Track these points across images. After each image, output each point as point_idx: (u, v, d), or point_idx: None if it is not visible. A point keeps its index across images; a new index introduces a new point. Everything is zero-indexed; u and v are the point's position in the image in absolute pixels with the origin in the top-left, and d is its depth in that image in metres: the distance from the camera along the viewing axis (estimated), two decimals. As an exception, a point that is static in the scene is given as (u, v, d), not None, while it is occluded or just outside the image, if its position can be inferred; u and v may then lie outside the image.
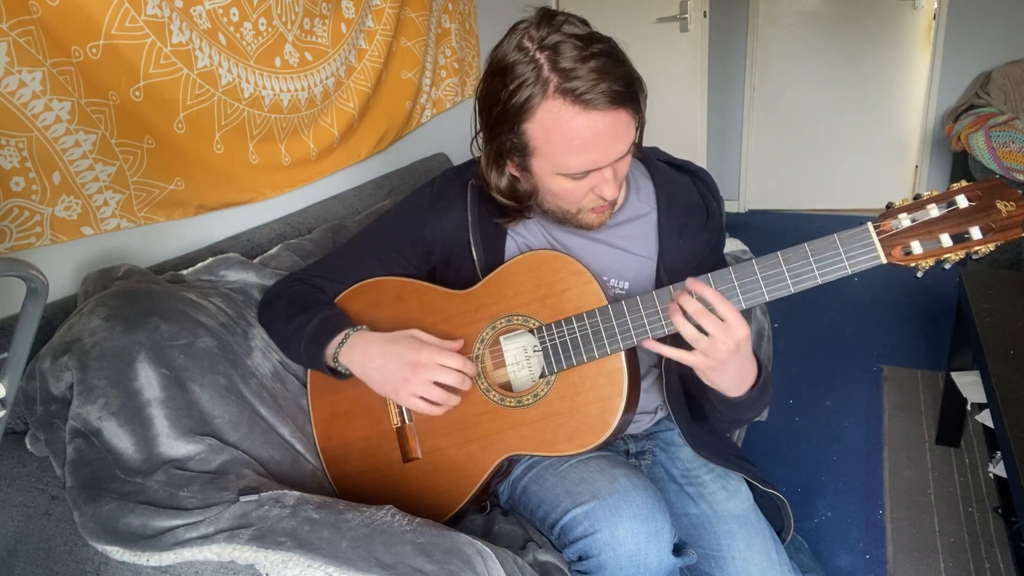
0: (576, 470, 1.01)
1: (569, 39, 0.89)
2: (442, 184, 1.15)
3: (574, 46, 0.88)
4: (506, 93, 0.91)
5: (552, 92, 0.89)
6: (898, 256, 0.85)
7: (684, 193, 1.12)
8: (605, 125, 0.90)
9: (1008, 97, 3.03)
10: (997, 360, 1.47)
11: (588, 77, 0.87)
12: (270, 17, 1.47)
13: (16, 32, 1.01)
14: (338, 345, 1.06)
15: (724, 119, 3.84)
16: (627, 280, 1.09)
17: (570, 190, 0.97)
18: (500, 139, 0.96)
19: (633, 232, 1.09)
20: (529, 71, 0.89)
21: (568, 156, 0.92)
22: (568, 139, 0.90)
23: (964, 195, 0.83)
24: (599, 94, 0.87)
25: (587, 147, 0.91)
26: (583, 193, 0.97)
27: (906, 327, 2.65)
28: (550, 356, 1.00)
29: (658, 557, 0.91)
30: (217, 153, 1.38)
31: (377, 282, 1.16)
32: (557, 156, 0.93)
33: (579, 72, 0.87)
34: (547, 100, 0.89)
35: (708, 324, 0.87)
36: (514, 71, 0.90)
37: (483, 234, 1.10)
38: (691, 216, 1.10)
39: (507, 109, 0.92)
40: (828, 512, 1.78)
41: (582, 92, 0.87)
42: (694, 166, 1.17)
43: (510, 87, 0.91)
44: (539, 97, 0.89)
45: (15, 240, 1.08)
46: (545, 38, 0.89)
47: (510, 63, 0.91)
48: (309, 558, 0.83)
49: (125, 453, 0.94)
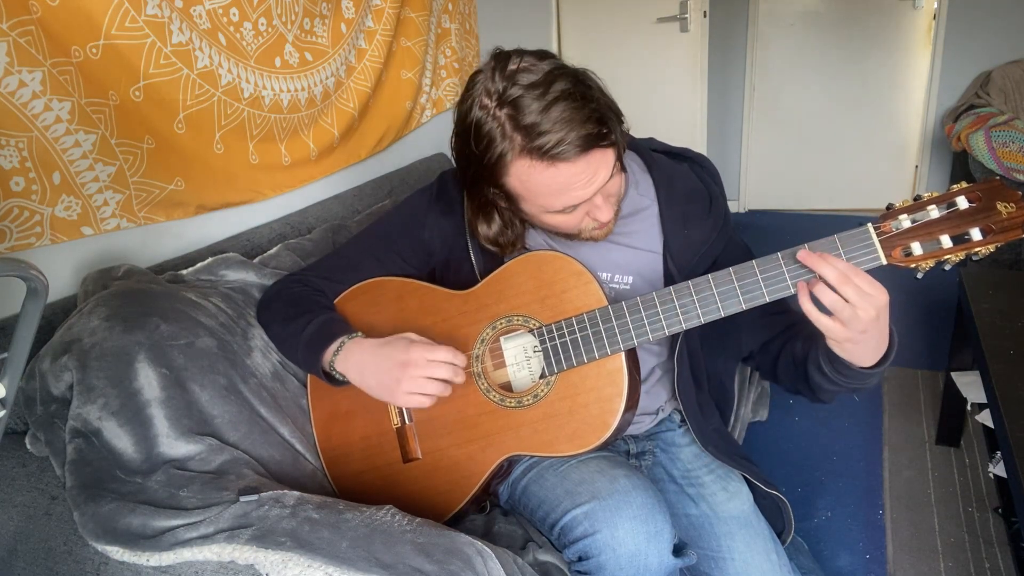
0: (576, 470, 1.01)
1: (527, 91, 0.86)
2: (441, 186, 1.15)
3: (533, 97, 0.86)
4: (478, 151, 0.92)
5: (519, 152, 0.89)
6: (898, 257, 0.85)
7: (683, 181, 1.11)
8: (578, 170, 0.90)
9: (1008, 97, 3.03)
10: (997, 360, 1.47)
11: (554, 130, 0.86)
12: (270, 17, 1.46)
13: (16, 32, 1.01)
14: (334, 353, 1.06)
15: (724, 119, 3.84)
16: (631, 275, 1.08)
17: (564, 221, 0.99)
18: (482, 192, 0.98)
19: (635, 227, 1.09)
20: (495, 129, 0.89)
21: (550, 200, 0.94)
22: (545, 187, 0.92)
23: (964, 196, 0.83)
24: (568, 145, 0.86)
25: (565, 191, 0.92)
26: (578, 220, 0.99)
27: (906, 327, 2.64)
28: (550, 356, 1.00)
29: (658, 558, 0.91)
30: (217, 153, 1.38)
31: (377, 282, 1.16)
32: (540, 201, 0.95)
33: (544, 126, 0.86)
34: (516, 159, 0.90)
35: (850, 292, 0.82)
36: (480, 131, 0.90)
37: None
38: (693, 204, 1.10)
39: (483, 167, 0.93)
40: (828, 512, 1.78)
41: (549, 148, 0.86)
42: (692, 152, 1.17)
43: (480, 146, 0.91)
44: (509, 155, 0.90)
45: (15, 240, 1.08)
46: (503, 92, 0.88)
47: (475, 121, 0.91)
48: (309, 558, 0.83)
49: (125, 453, 0.94)
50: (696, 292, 0.93)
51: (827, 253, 0.85)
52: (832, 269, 0.83)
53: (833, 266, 0.83)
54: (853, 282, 0.82)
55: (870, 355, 0.90)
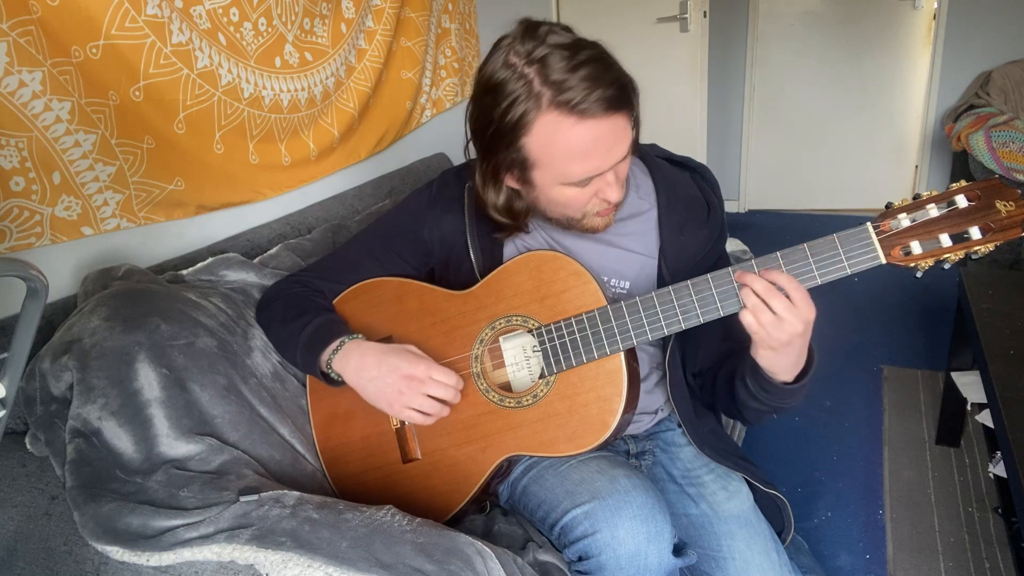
0: (576, 470, 1.01)
1: (556, 50, 0.88)
2: (440, 186, 1.15)
3: (562, 56, 0.88)
4: (499, 112, 0.91)
5: (547, 106, 0.89)
6: (897, 256, 0.85)
7: (684, 189, 1.12)
8: (603, 131, 0.90)
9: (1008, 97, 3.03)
10: (997, 360, 1.47)
11: (581, 86, 0.87)
12: (270, 17, 1.46)
13: (16, 32, 1.01)
14: (332, 352, 1.06)
15: (724, 119, 3.84)
16: (628, 279, 1.09)
17: (574, 197, 0.97)
18: (497, 157, 0.96)
19: (633, 230, 1.09)
20: (520, 87, 0.89)
21: (569, 165, 0.92)
22: (567, 149, 0.91)
23: (963, 195, 0.83)
24: (594, 102, 0.87)
25: (587, 155, 0.91)
26: (587, 199, 0.97)
27: (906, 327, 2.65)
28: (549, 357, 1.00)
29: (658, 557, 0.91)
30: (217, 153, 1.38)
31: (376, 283, 1.16)
32: (558, 166, 0.93)
33: (571, 82, 0.87)
34: (542, 114, 0.89)
35: (777, 303, 0.86)
36: (505, 89, 0.90)
37: (481, 236, 1.10)
38: (692, 212, 1.10)
39: (502, 127, 0.92)
40: (828, 512, 1.78)
41: (577, 102, 0.87)
42: (694, 162, 1.17)
43: (503, 105, 0.91)
44: (534, 112, 0.89)
45: (15, 240, 1.08)
46: (532, 52, 0.89)
47: (500, 81, 0.91)
48: (309, 558, 0.83)
49: (125, 453, 0.94)
50: (695, 292, 0.93)
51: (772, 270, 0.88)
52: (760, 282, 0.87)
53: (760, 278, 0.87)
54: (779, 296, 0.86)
55: (789, 369, 0.93)
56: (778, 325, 0.86)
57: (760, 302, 0.87)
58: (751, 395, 1.00)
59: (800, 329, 0.87)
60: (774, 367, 0.93)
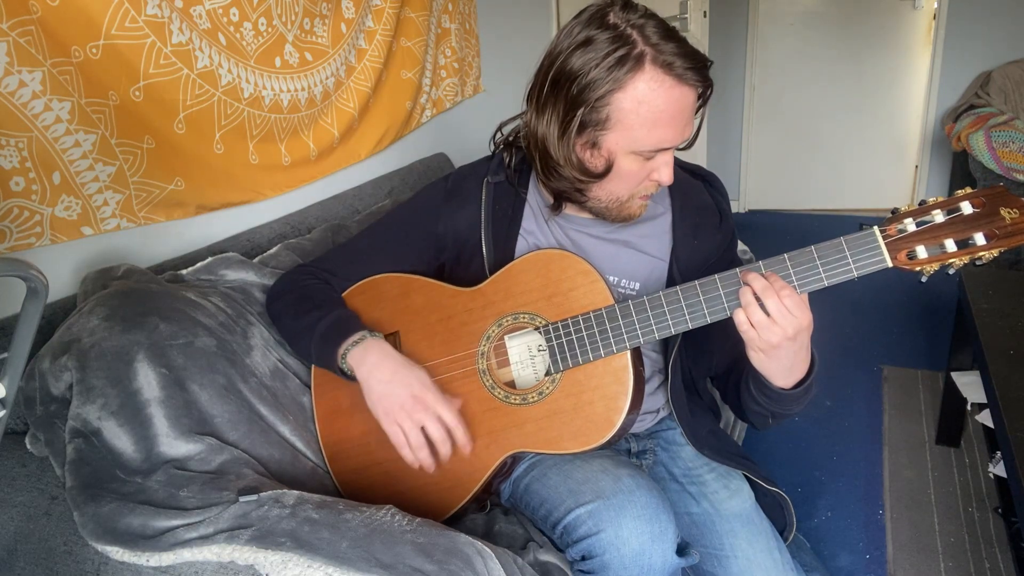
0: (580, 469, 1.00)
1: (650, 20, 0.92)
2: (456, 180, 1.15)
3: (657, 25, 0.92)
4: (595, 64, 0.92)
5: (649, 63, 0.91)
6: (903, 260, 0.86)
7: (697, 196, 1.14)
8: (689, 103, 0.93)
9: (1008, 97, 3.03)
10: (997, 360, 1.47)
11: (679, 53, 0.90)
12: (270, 17, 1.46)
13: (16, 32, 1.01)
14: (352, 344, 1.05)
15: (724, 119, 3.84)
16: (638, 281, 1.09)
17: (635, 172, 0.98)
18: (574, 114, 0.95)
19: (648, 232, 1.10)
20: (622, 44, 0.91)
21: (650, 130, 0.93)
22: (657, 111, 0.92)
23: (968, 201, 0.84)
24: (689, 70, 0.91)
25: (672, 121, 0.93)
26: (643, 177, 0.99)
27: (906, 327, 2.65)
28: (556, 354, 1.00)
29: (662, 557, 0.91)
30: (217, 153, 1.38)
31: (383, 278, 1.15)
32: (638, 129, 0.94)
33: (672, 49, 0.90)
34: (643, 71, 0.91)
35: (771, 305, 0.86)
36: (606, 44, 0.92)
37: (495, 233, 1.10)
38: (704, 218, 1.11)
39: (594, 81, 0.92)
40: (828, 512, 1.78)
41: (677, 66, 0.90)
42: (704, 171, 1.19)
43: (603, 58, 0.92)
44: (635, 69, 0.91)
45: (15, 240, 1.08)
46: (631, 18, 0.92)
47: (596, 38, 0.92)
48: (309, 558, 0.83)
49: (125, 453, 0.94)
50: (703, 293, 0.93)
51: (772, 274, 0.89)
52: (760, 281, 0.87)
53: (762, 277, 0.88)
54: (777, 297, 0.86)
55: (782, 374, 0.94)
56: (769, 327, 0.87)
57: (754, 301, 0.87)
58: (752, 399, 1.00)
59: (790, 334, 0.86)
60: (766, 370, 0.93)
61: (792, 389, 0.95)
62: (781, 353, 0.90)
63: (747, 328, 0.88)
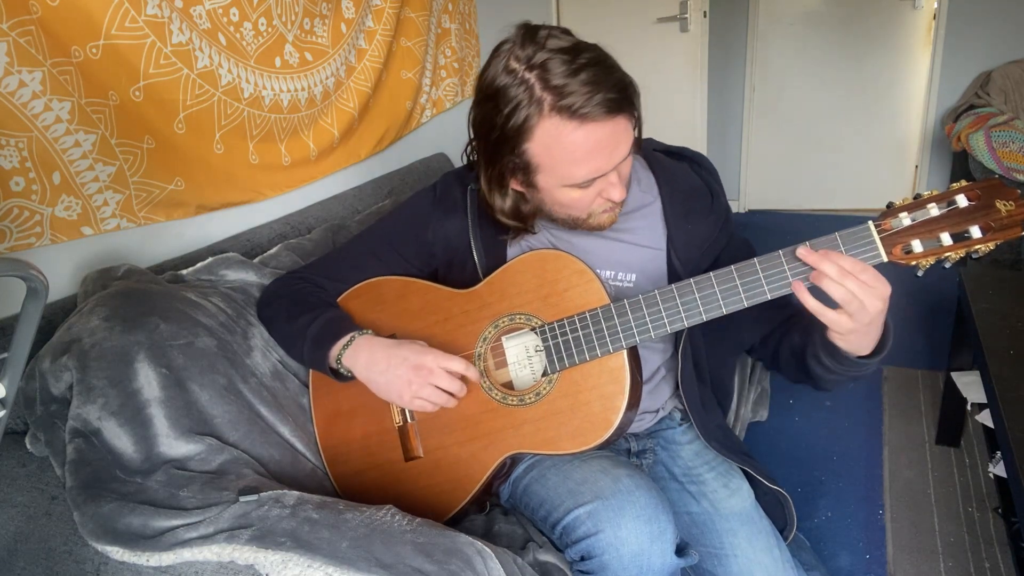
0: (579, 470, 1.01)
1: (556, 55, 0.88)
2: (443, 188, 1.15)
3: (562, 61, 0.88)
4: (501, 118, 0.92)
5: (548, 111, 0.89)
6: (899, 255, 0.86)
7: (685, 179, 1.13)
8: (604, 134, 0.90)
9: (1008, 97, 3.03)
10: (997, 360, 1.47)
11: (581, 91, 0.87)
12: (270, 17, 1.46)
13: (16, 32, 1.01)
14: (343, 347, 1.07)
15: (724, 119, 3.83)
16: (634, 272, 1.09)
17: (578, 198, 0.98)
18: (501, 162, 0.97)
19: (638, 223, 1.10)
20: (521, 93, 0.89)
21: (572, 168, 0.93)
22: (570, 153, 0.91)
23: (964, 195, 0.84)
24: (595, 106, 0.87)
25: (589, 157, 0.92)
26: (591, 199, 0.98)
27: (906, 327, 2.65)
28: (552, 355, 1.00)
29: (661, 558, 0.91)
30: (217, 153, 1.38)
31: (379, 281, 1.16)
32: (561, 169, 0.94)
33: (572, 87, 0.87)
34: (544, 119, 0.90)
35: (854, 286, 0.84)
36: (507, 94, 0.91)
37: (484, 238, 1.10)
38: (695, 200, 1.11)
39: (505, 133, 0.93)
40: (828, 512, 1.78)
41: (578, 107, 0.87)
42: (690, 151, 1.18)
43: (504, 111, 0.91)
44: (536, 117, 0.90)
45: (15, 240, 1.08)
46: (532, 57, 0.89)
47: (501, 87, 0.91)
48: (309, 558, 0.83)
49: (125, 453, 0.94)
50: (698, 290, 0.93)
51: (829, 250, 0.86)
52: (832, 265, 0.84)
53: (833, 262, 0.84)
54: (856, 277, 0.84)
55: (869, 344, 0.92)
56: (861, 310, 0.85)
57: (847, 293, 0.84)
58: (828, 370, 0.98)
59: (880, 307, 0.85)
60: (853, 347, 0.92)
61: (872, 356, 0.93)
62: (873, 327, 0.89)
63: (835, 317, 0.86)
